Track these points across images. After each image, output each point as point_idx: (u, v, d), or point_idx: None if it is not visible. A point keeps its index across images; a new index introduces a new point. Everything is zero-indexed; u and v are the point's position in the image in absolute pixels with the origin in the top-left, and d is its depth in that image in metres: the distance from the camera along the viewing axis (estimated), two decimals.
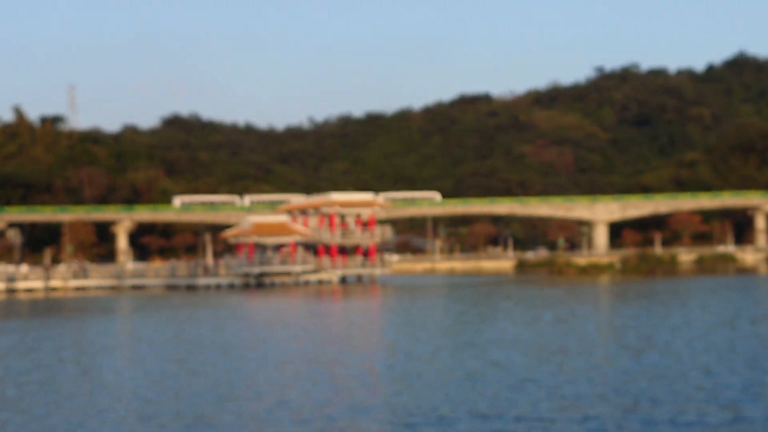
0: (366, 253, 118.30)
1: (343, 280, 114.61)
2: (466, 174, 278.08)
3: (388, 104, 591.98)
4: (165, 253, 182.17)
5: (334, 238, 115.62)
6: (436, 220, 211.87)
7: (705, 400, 23.86)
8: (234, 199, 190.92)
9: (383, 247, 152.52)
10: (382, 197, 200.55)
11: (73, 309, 71.22)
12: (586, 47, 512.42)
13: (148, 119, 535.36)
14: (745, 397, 24.30)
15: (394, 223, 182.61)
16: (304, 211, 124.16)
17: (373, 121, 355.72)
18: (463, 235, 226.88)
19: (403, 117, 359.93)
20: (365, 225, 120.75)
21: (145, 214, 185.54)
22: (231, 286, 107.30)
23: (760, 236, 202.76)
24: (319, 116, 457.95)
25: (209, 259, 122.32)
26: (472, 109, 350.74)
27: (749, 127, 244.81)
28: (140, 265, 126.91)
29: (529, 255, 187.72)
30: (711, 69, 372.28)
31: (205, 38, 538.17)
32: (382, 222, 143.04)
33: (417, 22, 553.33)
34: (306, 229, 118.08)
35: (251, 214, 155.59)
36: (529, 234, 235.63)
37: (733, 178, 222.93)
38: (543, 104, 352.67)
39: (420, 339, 40.80)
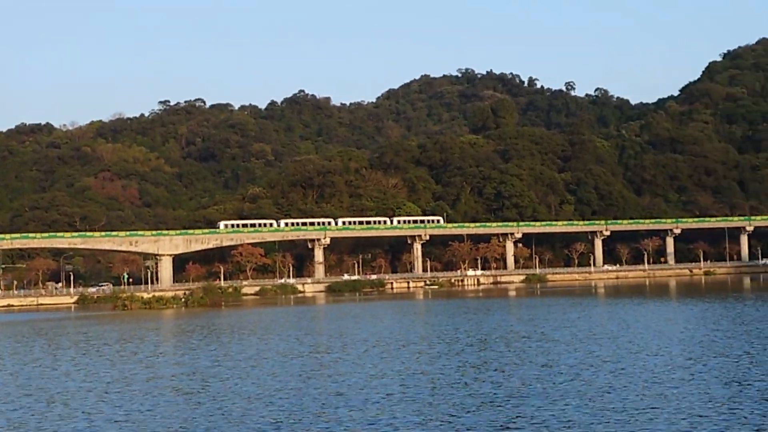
0: None
1: None
2: (25, 207, 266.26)
3: None
4: None
5: None
6: None
7: None
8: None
9: None
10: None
11: None
12: (151, 80, 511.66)
13: None
14: None
15: None
16: None
17: None
18: (21, 270, 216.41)
19: None
20: None
21: None
22: None
23: (319, 268, 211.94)
24: None
25: None
26: (31, 140, 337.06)
27: (308, 163, 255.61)
28: None
29: (92, 290, 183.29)
30: (272, 106, 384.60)
31: None
32: None
33: None
34: None
35: None
36: (92, 268, 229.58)
37: (294, 212, 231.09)
38: (107, 136, 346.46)
39: None
